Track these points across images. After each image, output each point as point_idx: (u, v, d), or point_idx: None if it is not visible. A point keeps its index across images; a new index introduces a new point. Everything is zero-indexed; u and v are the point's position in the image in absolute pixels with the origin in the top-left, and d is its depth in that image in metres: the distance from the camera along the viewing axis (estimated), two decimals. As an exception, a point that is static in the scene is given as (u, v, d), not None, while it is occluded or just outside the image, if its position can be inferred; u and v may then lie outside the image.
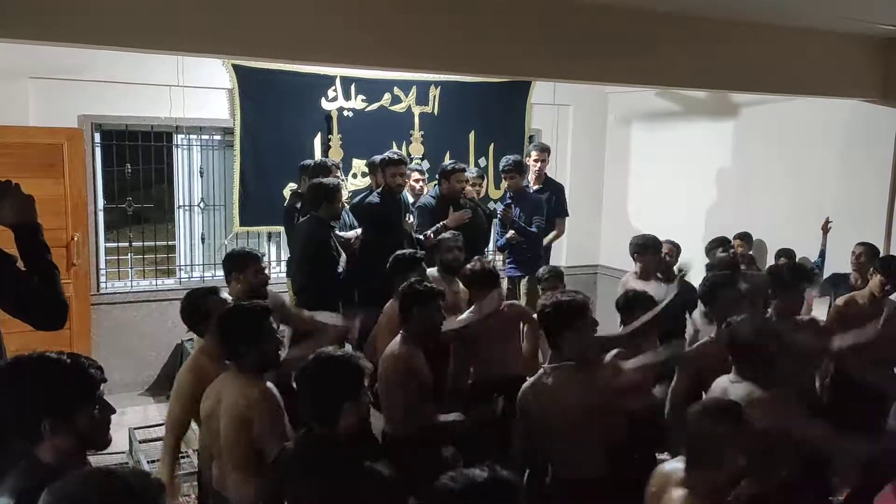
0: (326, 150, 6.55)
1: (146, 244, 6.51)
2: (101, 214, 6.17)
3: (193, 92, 6.11)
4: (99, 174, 6.12)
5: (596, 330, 3.20)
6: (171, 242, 6.61)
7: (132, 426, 5.02)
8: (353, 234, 5.20)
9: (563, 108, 7.75)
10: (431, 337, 3.54)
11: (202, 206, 6.53)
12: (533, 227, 5.88)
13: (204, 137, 6.49)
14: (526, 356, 4.16)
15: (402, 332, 3.49)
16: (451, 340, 4.01)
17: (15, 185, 2.54)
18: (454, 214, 5.44)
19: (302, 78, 6.34)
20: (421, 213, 5.56)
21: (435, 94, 6.97)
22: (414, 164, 6.44)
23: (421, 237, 5.38)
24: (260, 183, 6.41)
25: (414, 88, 6.84)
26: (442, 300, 3.54)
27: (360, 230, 5.23)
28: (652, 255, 4.96)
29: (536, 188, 6.29)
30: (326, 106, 6.53)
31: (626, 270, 5.13)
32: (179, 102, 6.03)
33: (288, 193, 6.19)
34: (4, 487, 1.83)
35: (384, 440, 3.47)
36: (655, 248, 5.01)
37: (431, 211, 5.54)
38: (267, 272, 4.12)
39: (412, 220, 5.42)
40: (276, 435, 2.69)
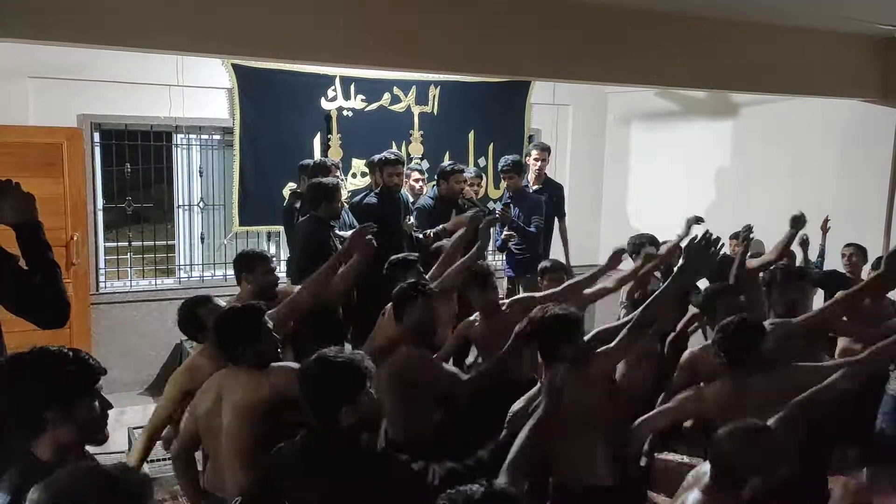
0: (326, 149, 6.55)
1: (145, 244, 6.50)
2: (100, 214, 6.16)
3: (193, 92, 6.10)
4: (98, 174, 6.11)
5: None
6: (170, 242, 6.60)
7: (131, 425, 5.00)
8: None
9: (562, 107, 7.75)
10: (429, 337, 3.46)
11: (201, 205, 6.52)
12: (532, 227, 5.88)
13: (203, 137, 6.48)
14: None
15: (400, 335, 3.43)
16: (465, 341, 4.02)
17: (15, 183, 2.53)
18: (455, 218, 5.42)
19: (301, 78, 6.34)
20: (419, 213, 5.55)
21: (434, 93, 6.96)
22: (413, 163, 6.44)
23: (420, 236, 5.39)
24: (259, 183, 6.41)
25: (413, 88, 6.84)
26: (435, 298, 3.46)
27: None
28: None
29: (536, 188, 6.29)
30: (326, 106, 6.53)
31: (625, 271, 5.12)
32: (179, 102, 6.02)
33: (287, 193, 6.17)
34: (4, 483, 1.83)
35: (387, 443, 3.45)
36: (652, 247, 4.98)
37: (430, 212, 5.53)
38: (276, 273, 4.12)
39: (412, 220, 5.42)
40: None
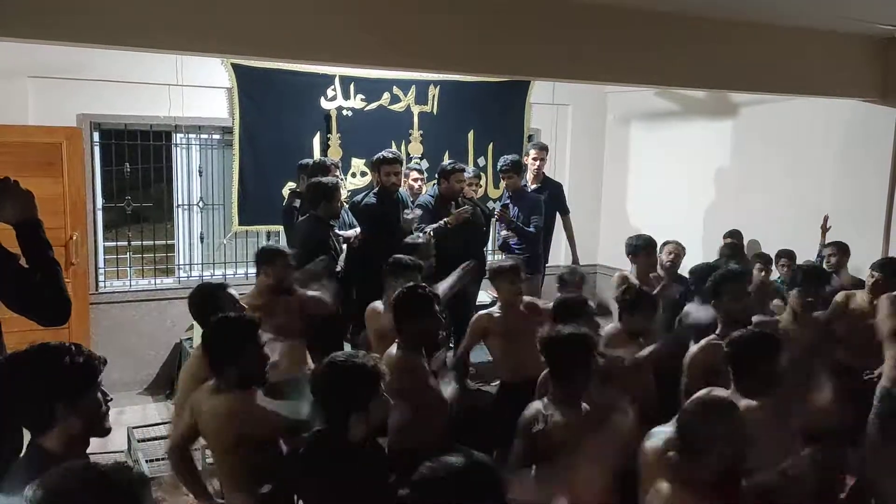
0: (325, 149, 6.55)
1: (145, 243, 6.49)
2: (99, 213, 6.15)
3: (192, 91, 6.09)
4: (98, 173, 6.10)
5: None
6: (169, 241, 6.59)
7: (131, 425, 5.00)
8: (352, 233, 5.20)
9: (562, 107, 7.74)
10: (428, 345, 3.38)
11: (201, 205, 6.52)
12: (531, 226, 5.88)
13: (203, 136, 6.47)
14: None
15: (397, 341, 3.31)
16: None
17: (14, 182, 2.53)
18: (456, 212, 5.44)
19: (301, 77, 6.33)
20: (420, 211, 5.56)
21: (434, 93, 6.96)
22: (413, 163, 6.44)
23: (420, 235, 5.38)
24: (259, 182, 6.40)
25: (413, 88, 6.84)
26: (438, 304, 3.36)
27: (359, 229, 5.24)
28: (646, 256, 4.88)
29: (535, 187, 6.30)
30: (325, 105, 6.52)
31: (624, 270, 5.12)
32: (178, 101, 6.01)
33: (287, 192, 6.17)
34: (11, 477, 1.83)
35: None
36: (649, 248, 4.92)
37: (430, 210, 5.54)
38: (294, 269, 4.16)
39: (410, 214, 5.41)
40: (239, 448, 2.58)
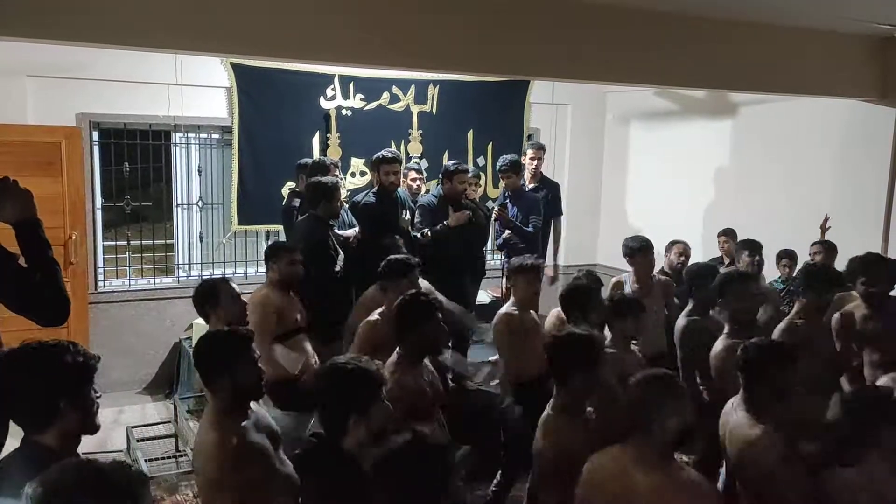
0: (325, 148, 6.54)
1: (144, 243, 6.48)
2: (99, 213, 6.14)
3: (192, 90, 6.09)
4: (97, 172, 6.10)
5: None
6: (169, 241, 6.59)
7: (130, 425, 4.98)
8: (351, 232, 5.20)
9: (561, 107, 7.74)
10: (431, 353, 3.30)
11: (200, 204, 6.51)
12: (529, 226, 5.88)
13: (202, 136, 6.47)
14: None
15: (397, 348, 3.22)
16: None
17: (13, 181, 2.52)
18: (455, 214, 5.44)
19: (300, 77, 6.33)
20: (422, 212, 5.56)
21: (433, 92, 6.95)
22: (412, 162, 6.44)
23: (418, 235, 5.39)
24: (258, 181, 6.40)
25: (412, 87, 6.83)
26: (441, 312, 3.24)
27: (358, 229, 5.24)
28: (643, 257, 4.78)
29: (532, 186, 6.29)
30: (325, 105, 6.52)
31: (624, 270, 5.11)
32: (178, 101, 6.01)
33: (286, 192, 6.17)
34: (9, 474, 1.83)
35: None
36: (646, 250, 4.80)
37: (432, 210, 5.54)
38: (300, 266, 4.19)
39: (408, 216, 5.41)
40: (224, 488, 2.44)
